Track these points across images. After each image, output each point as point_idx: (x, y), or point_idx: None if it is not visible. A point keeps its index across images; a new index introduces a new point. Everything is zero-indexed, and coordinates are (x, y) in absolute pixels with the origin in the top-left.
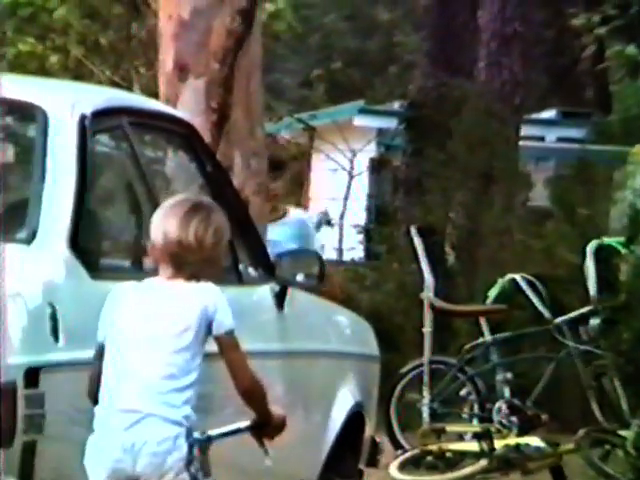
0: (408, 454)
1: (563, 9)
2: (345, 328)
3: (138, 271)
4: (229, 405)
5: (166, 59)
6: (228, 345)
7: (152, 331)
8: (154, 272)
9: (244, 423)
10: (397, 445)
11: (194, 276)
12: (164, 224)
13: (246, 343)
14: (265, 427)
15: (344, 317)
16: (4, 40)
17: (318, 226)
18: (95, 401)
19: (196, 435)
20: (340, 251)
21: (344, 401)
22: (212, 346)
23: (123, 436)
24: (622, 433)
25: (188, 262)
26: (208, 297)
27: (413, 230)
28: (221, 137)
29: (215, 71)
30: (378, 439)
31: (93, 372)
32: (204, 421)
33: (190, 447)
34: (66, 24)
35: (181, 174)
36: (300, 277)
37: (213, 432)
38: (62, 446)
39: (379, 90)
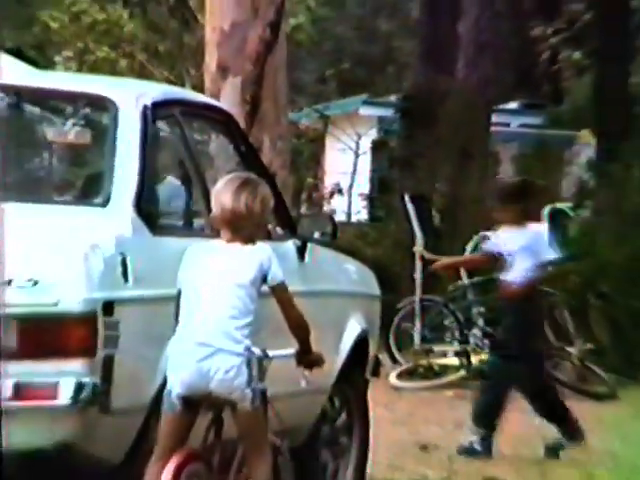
0: (404, 367)
1: (525, 22)
2: (353, 274)
3: (189, 230)
4: (278, 337)
5: (211, 62)
6: (281, 291)
7: (219, 282)
8: (202, 231)
9: (291, 350)
10: (394, 361)
11: (249, 239)
12: (220, 197)
13: None
14: (306, 356)
15: (352, 265)
16: (86, 49)
17: (331, 195)
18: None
19: (257, 352)
20: (349, 215)
21: (353, 329)
22: None
23: (199, 364)
24: (568, 349)
25: (241, 227)
26: (263, 255)
27: (406, 198)
28: (253, 124)
29: (249, 71)
30: (380, 356)
31: (176, 305)
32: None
33: (250, 370)
34: (133, 36)
35: (221, 153)
36: (317, 235)
37: (270, 352)
38: (131, 357)
39: (380, 86)
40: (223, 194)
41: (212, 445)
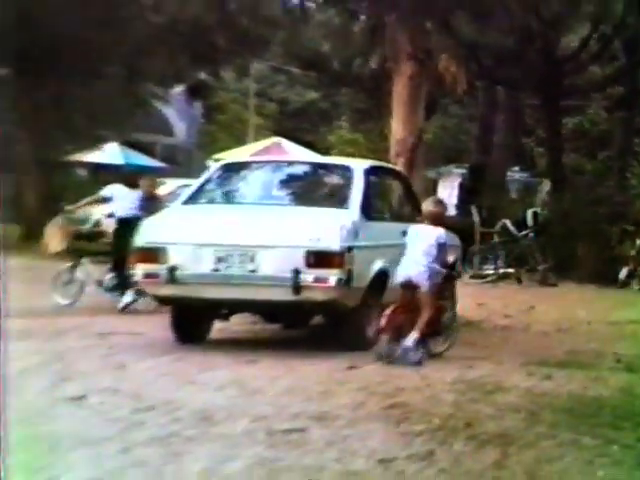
0: (470, 274)
1: (521, 136)
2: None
3: (382, 218)
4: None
5: (393, 152)
6: (443, 247)
7: (422, 241)
8: (388, 219)
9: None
10: (466, 272)
11: (437, 225)
12: (427, 207)
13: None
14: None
15: (450, 233)
16: (342, 151)
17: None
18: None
19: (434, 267)
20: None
21: (450, 258)
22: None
23: (411, 267)
24: (538, 267)
25: (434, 220)
26: (441, 232)
27: (473, 207)
28: (410, 175)
29: (409, 156)
30: (461, 270)
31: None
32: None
33: (430, 273)
34: (361, 143)
35: (397, 189)
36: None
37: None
38: (358, 268)
39: (461, 161)
40: (429, 205)
41: (407, 302)
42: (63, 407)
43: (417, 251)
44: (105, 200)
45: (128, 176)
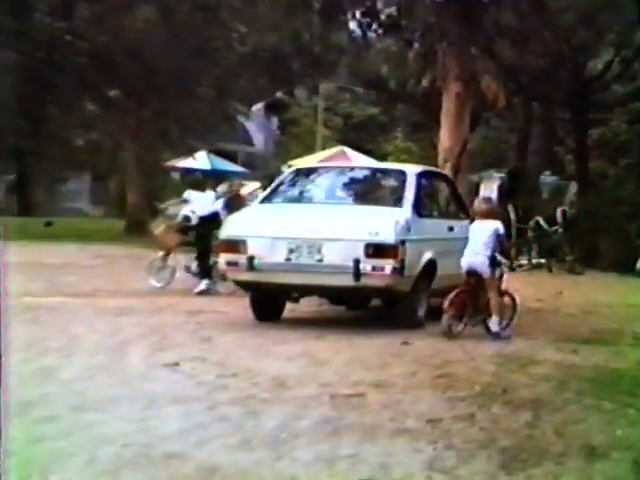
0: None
1: (554, 146)
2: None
3: (431, 215)
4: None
5: (441, 158)
6: (502, 237)
7: (480, 232)
8: (436, 216)
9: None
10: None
11: (489, 219)
12: (478, 204)
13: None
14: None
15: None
16: (397, 158)
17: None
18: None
19: (494, 255)
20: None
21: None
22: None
23: (472, 258)
24: (567, 258)
25: (485, 216)
26: (498, 225)
27: (510, 205)
28: (456, 179)
29: (454, 162)
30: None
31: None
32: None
33: (492, 262)
34: (414, 152)
35: (444, 190)
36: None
37: (498, 256)
38: (410, 258)
39: (500, 166)
40: (481, 204)
41: (470, 287)
42: (159, 372)
43: (478, 243)
44: (185, 202)
45: (194, 181)
